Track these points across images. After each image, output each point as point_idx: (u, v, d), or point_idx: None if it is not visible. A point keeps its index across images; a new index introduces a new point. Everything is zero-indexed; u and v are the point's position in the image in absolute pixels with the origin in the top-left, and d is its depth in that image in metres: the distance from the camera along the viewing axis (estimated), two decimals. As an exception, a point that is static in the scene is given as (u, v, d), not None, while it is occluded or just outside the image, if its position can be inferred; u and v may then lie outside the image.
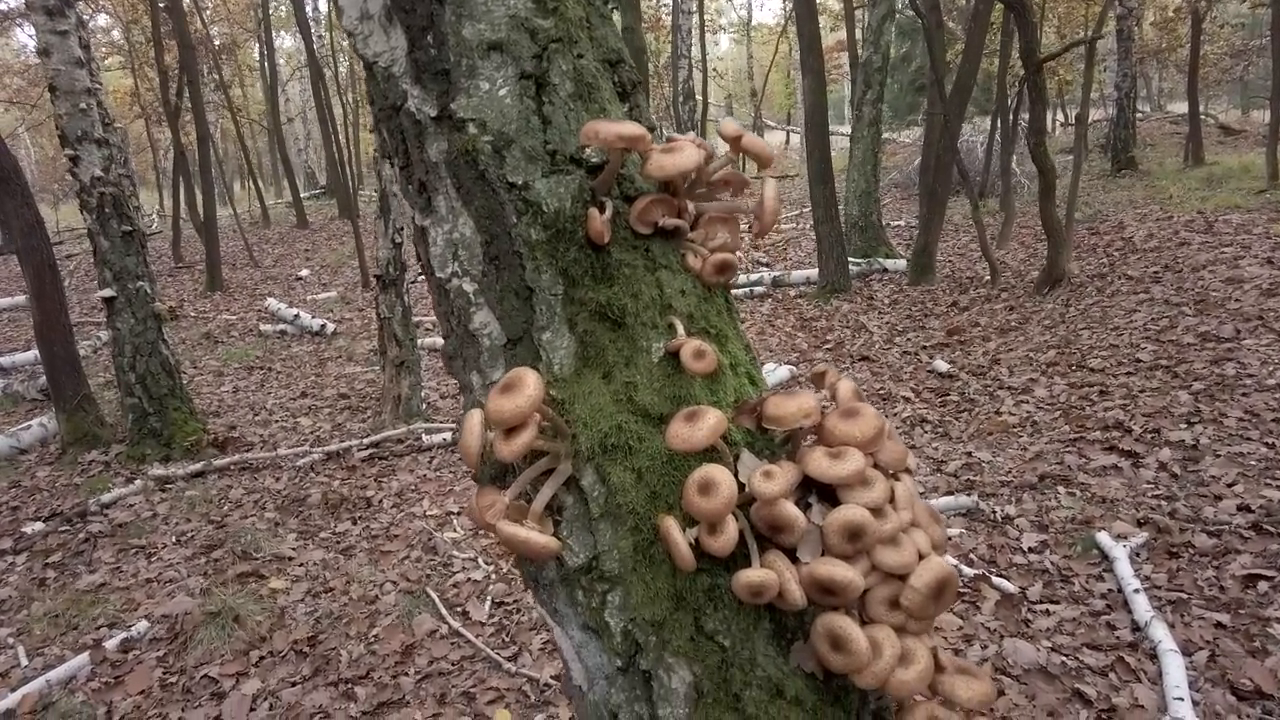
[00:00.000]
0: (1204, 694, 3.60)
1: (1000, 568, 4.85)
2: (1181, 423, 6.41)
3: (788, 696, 1.59)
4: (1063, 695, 3.73)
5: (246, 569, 6.04)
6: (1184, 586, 4.42)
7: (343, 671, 4.82)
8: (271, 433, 9.11)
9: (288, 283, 19.55)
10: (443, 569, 5.77)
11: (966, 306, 11.20)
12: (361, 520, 6.73)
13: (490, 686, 4.48)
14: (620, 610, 1.59)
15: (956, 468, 6.37)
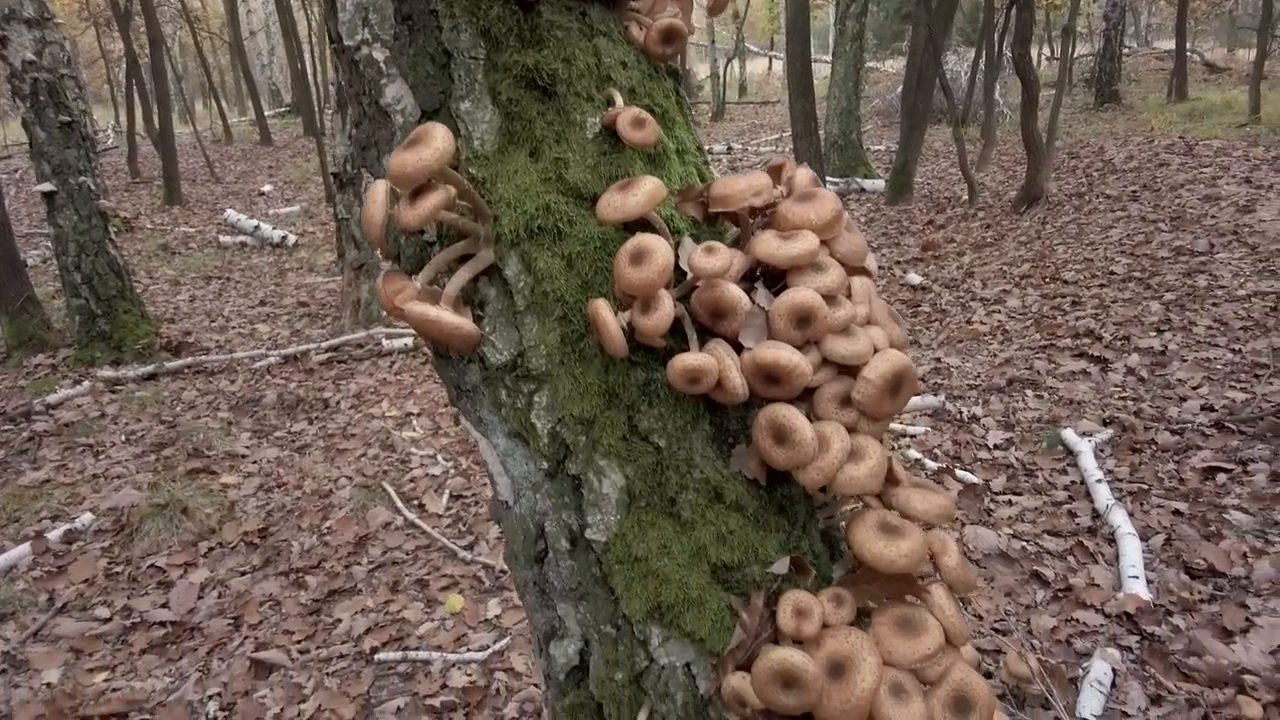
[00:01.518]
0: (1158, 573, 3.59)
1: (965, 462, 4.81)
2: (1151, 331, 6.36)
3: (727, 501, 1.46)
4: (1021, 577, 3.71)
5: (198, 465, 5.87)
6: (1145, 479, 4.40)
7: (294, 562, 4.71)
8: (228, 338, 8.84)
9: (250, 198, 18.90)
10: (400, 465, 5.64)
11: (943, 225, 11.06)
12: (318, 420, 6.56)
13: (445, 574, 4.40)
14: (547, 410, 1.44)
15: (925, 372, 6.31)
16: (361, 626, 4.06)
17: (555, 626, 1.60)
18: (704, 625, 1.42)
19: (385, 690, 3.64)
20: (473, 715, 3.40)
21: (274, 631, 4.16)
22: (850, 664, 1.29)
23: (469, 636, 3.88)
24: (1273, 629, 3.13)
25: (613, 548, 1.45)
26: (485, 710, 3.41)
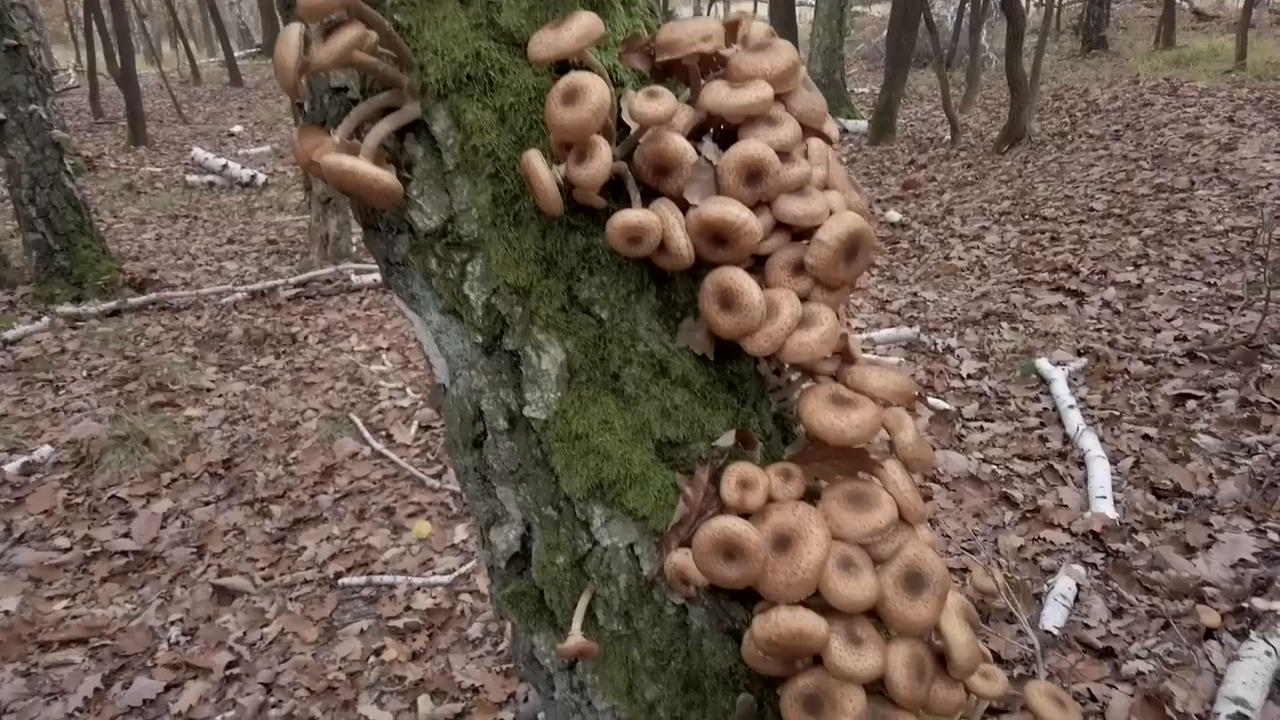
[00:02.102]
0: (1126, 494, 3.59)
1: (938, 391, 4.78)
2: (1128, 265, 6.33)
3: (673, 376, 1.38)
4: (990, 499, 3.71)
5: (161, 399, 5.74)
6: (1116, 406, 4.39)
7: (259, 492, 4.63)
8: (194, 275, 8.62)
9: (219, 139, 18.34)
10: (368, 398, 5.54)
11: (924, 164, 10.91)
12: (285, 355, 6.43)
13: (412, 502, 4.34)
14: (481, 281, 1.35)
15: (901, 306, 6.25)
16: (326, 553, 4.01)
17: (497, 514, 1.53)
18: (647, 503, 1.35)
19: (349, 614, 3.61)
20: (436, 637, 3.37)
21: (238, 559, 4.10)
22: (797, 537, 1.22)
23: (435, 561, 3.84)
24: (1234, 544, 3.14)
25: (552, 425, 1.37)
26: (449, 631, 3.38)
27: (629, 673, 1.42)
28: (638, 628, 1.40)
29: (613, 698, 1.46)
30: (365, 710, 3.03)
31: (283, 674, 3.30)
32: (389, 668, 3.22)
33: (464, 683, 3.07)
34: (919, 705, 1.23)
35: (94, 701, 3.29)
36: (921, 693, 1.22)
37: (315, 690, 3.18)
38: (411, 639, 3.36)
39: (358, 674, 3.24)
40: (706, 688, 1.39)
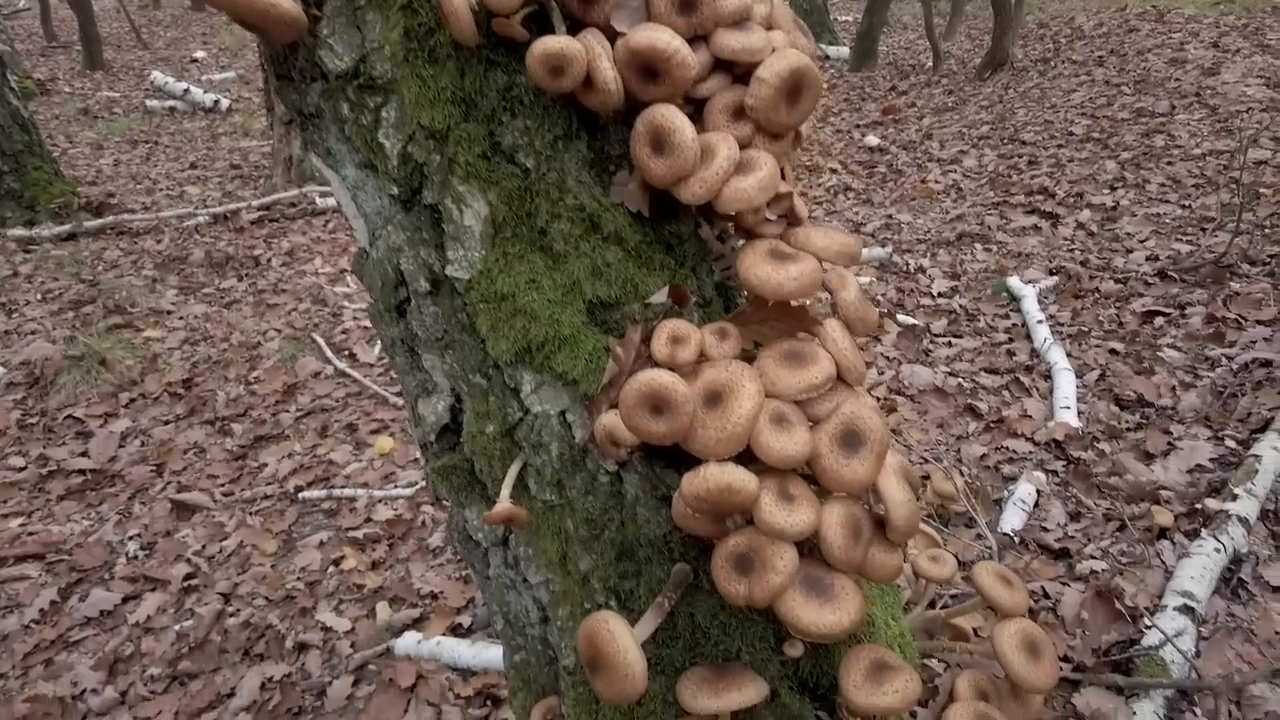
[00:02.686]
0: (1090, 405, 3.59)
1: (907, 309, 4.74)
2: (1105, 188, 6.26)
3: (604, 232, 1.31)
4: (955, 410, 3.70)
5: (119, 321, 5.59)
6: (1085, 322, 4.38)
7: (220, 410, 4.55)
8: (155, 200, 8.35)
9: (181, 65, 17.64)
10: (332, 318, 5.43)
11: (905, 91, 10.70)
12: (248, 277, 6.27)
13: (374, 419, 4.28)
14: (396, 127, 1.25)
15: (875, 228, 6.17)
16: (287, 469, 3.96)
17: (425, 386, 1.47)
18: (577, 366, 1.28)
19: (309, 526, 3.57)
20: (396, 546, 3.34)
21: (198, 476, 4.04)
22: (728, 392, 1.17)
23: (397, 475, 3.80)
24: (1192, 451, 3.15)
25: (476, 285, 1.29)
26: (410, 541, 3.35)
27: (562, 544, 1.38)
28: (570, 497, 1.35)
29: (546, 570, 1.42)
30: (323, 617, 3.02)
31: (241, 584, 3.27)
32: (348, 576, 3.20)
33: (423, 589, 3.06)
34: (855, 568, 1.19)
35: (50, 613, 3.26)
36: (857, 554, 1.19)
37: (273, 599, 3.16)
38: (371, 549, 3.33)
39: (316, 583, 3.22)
40: (641, 557, 1.35)
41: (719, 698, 1.23)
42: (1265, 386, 3.50)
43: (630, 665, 1.14)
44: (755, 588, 1.15)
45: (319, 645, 2.92)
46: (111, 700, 2.84)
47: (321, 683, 2.78)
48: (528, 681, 1.57)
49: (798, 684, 1.39)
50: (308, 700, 2.74)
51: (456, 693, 2.64)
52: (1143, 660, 2.25)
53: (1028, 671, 1.47)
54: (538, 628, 1.51)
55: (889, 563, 1.23)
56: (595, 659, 1.17)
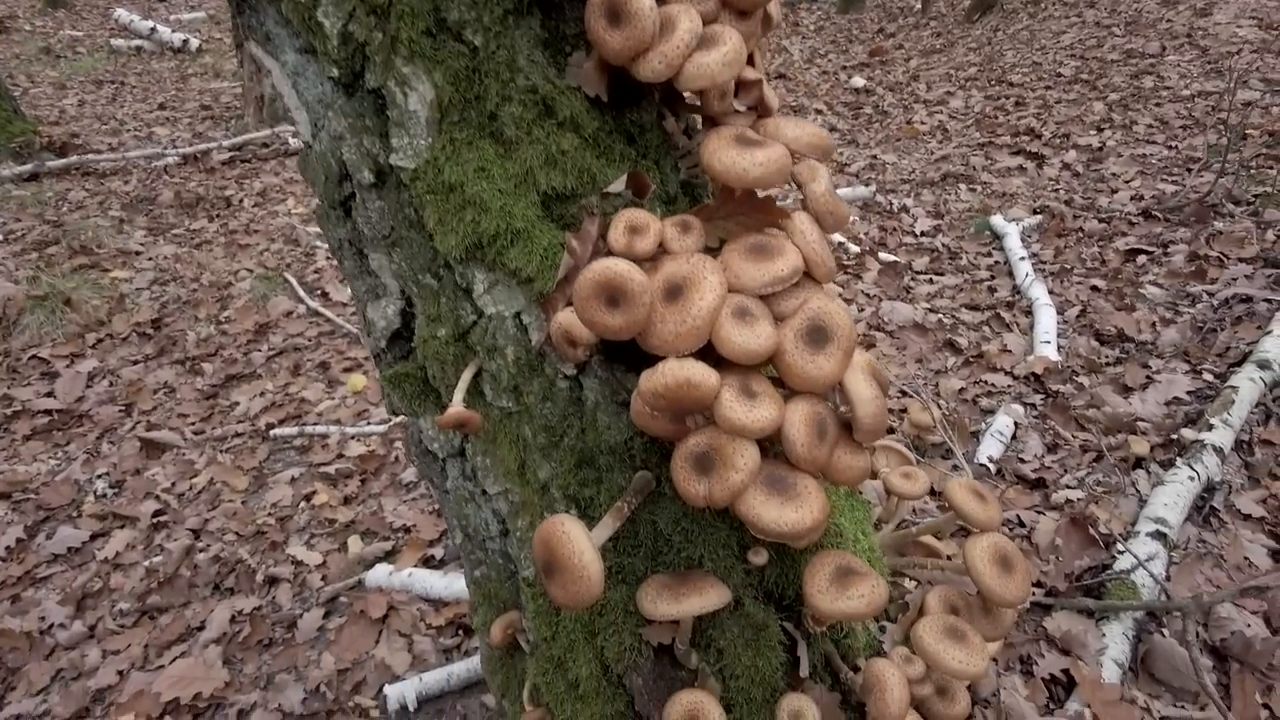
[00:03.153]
0: (1070, 340, 3.57)
1: (889, 247, 4.68)
2: (1091, 129, 6.18)
3: (560, 118, 1.23)
4: (934, 345, 3.66)
5: (85, 262, 5.45)
6: (1068, 260, 4.34)
7: (190, 350, 4.45)
8: (122, 140, 8.10)
9: (148, 4, 17.05)
10: (304, 258, 5.31)
11: (893, 33, 10.50)
12: (219, 218, 6.11)
13: (347, 357, 4.20)
14: (336, 4, 1.14)
15: (860, 169, 6.08)
16: (258, 407, 3.89)
17: (375, 289, 1.40)
18: (532, 262, 1.22)
19: (280, 463, 3.52)
20: (369, 482, 3.30)
21: (168, 415, 3.97)
22: (689, 284, 1.11)
23: (370, 412, 3.74)
24: (1170, 384, 3.14)
25: (423, 175, 1.21)
26: (382, 477, 3.31)
27: (520, 452, 1.33)
28: (528, 403, 1.29)
29: (504, 480, 1.37)
30: (294, 551, 2.98)
31: (211, 521, 3.22)
32: (319, 511, 3.16)
33: (395, 523, 3.03)
34: (819, 468, 1.15)
35: (17, 550, 3.20)
36: (821, 454, 1.14)
37: (244, 535, 3.12)
38: (343, 484, 3.29)
39: (288, 518, 3.17)
40: (601, 464, 1.30)
41: (679, 603, 1.20)
42: (1245, 321, 3.48)
43: (586, 567, 1.10)
44: (715, 487, 1.11)
45: (289, 579, 2.89)
46: (80, 634, 2.81)
47: (292, 615, 2.75)
48: (489, 597, 1.53)
49: (762, 594, 1.36)
50: (278, 632, 2.72)
51: (428, 623, 2.62)
52: (1114, 584, 2.25)
53: (999, 585, 1.45)
54: (498, 541, 1.47)
55: (855, 464, 1.18)
56: (550, 562, 1.12)
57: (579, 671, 1.36)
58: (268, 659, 2.64)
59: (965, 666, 1.39)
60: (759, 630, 1.31)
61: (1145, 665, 2.15)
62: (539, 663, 1.41)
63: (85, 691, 2.61)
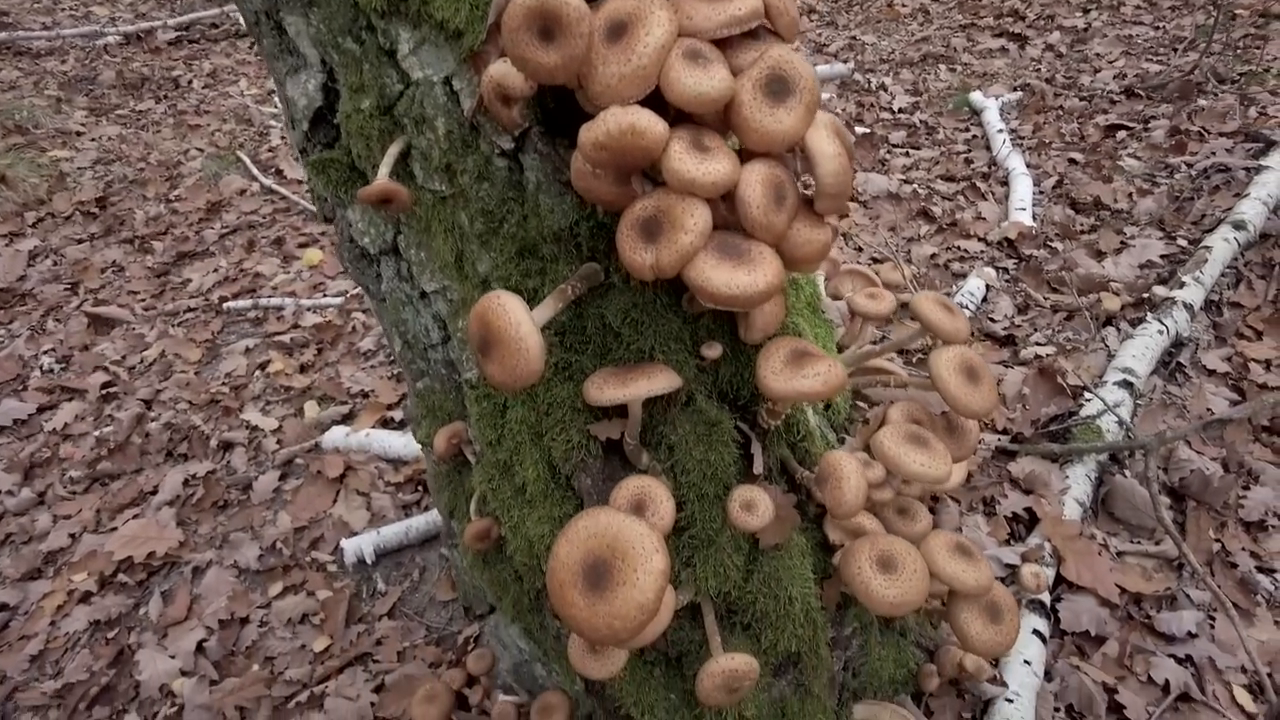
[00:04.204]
0: (1045, 209, 3.49)
1: (866, 123, 4.53)
2: (1077, 10, 5.96)
3: None
4: (909, 214, 3.58)
5: (21, 141, 5.15)
6: (1047, 135, 4.22)
7: (138, 229, 4.25)
8: (56, 20, 7.59)
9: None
10: (258, 138, 5.06)
11: (878, -83, 10.01)
12: (167, 99, 5.79)
13: (303, 233, 4.04)
14: None
15: (838, 49, 5.85)
16: (211, 282, 3.75)
17: (294, 62, 1.27)
18: (460, 12, 1.09)
19: (234, 335, 3.40)
20: (326, 351, 3.20)
21: (116, 293, 3.82)
22: (635, 21, 0.99)
23: (327, 285, 3.62)
24: (1144, 249, 3.09)
25: (337, -91, 1.08)
26: (340, 345, 3.21)
27: (456, 241, 1.23)
28: (463, 185, 1.19)
29: (441, 275, 1.28)
30: (249, 416, 2.90)
31: (164, 391, 3.12)
32: (275, 379, 3.07)
33: (353, 389, 2.95)
34: (775, 235, 1.06)
35: (-40, 424, 3.10)
36: (779, 220, 1.06)
37: (197, 403, 3.03)
38: (299, 353, 3.19)
39: (242, 387, 3.08)
40: (545, 254, 1.20)
41: (626, 386, 1.13)
42: (1222, 190, 3.42)
43: (524, 339, 1.01)
44: (663, 252, 1.02)
45: (244, 443, 2.82)
46: (29, 500, 2.74)
47: (247, 478, 2.69)
48: (432, 409, 1.46)
49: (716, 394, 1.30)
50: (233, 494, 2.66)
51: (387, 480, 2.57)
52: (1079, 429, 2.24)
53: (965, 394, 1.40)
54: (439, 350, 1.39)
55: (815, 238, 1.10)
56: (487, 337, 1.04)
57: (526, 475, 1.31)
58: (223, 519, 2.59)
59: (926, 469, 1.34)
60: (711, 426, 1.25)
61: (1105, 506, 2.15)
62: (485, 469, 1.36)
63: (36, 554, 2.55)
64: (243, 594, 2.34)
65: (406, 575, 2.34)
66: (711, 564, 1.27)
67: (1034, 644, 1.73)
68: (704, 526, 1.26)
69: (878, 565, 1.23)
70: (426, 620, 2.22)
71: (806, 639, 1.33)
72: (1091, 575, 1.91)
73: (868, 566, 1.23)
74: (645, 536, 1.07)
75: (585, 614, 1.05)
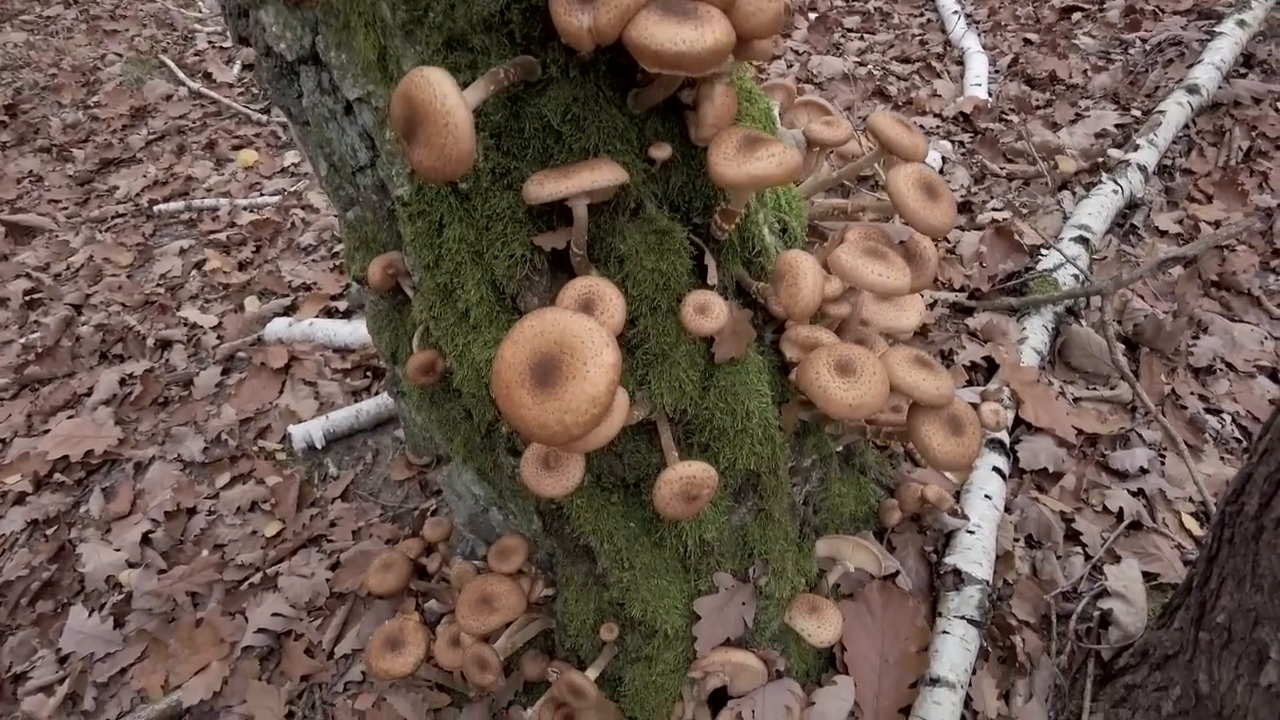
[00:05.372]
0: (1001, 85, 3.44)
1: (820, 10, 4.39)
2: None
3: None
4: (864, 94, 3.49)
5: (-80, 51, 4.78)
6: (1002, 19, 4.14)
7: (55, 137, 4.00)
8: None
9: None
10: (182, 42, 4.76)
11: None
12: (77, 4, 5.40)
13: (236, 136, 3.83)
14: None
15: (791, -58, 5.65)
16: (140, 187, 3.55)
17: None
18: None
19: (168, 237, 3.24)
20: (264, 248, 3.07)
21: (36, 202, 3.60)
22: None
23: (263, 185, 3.45)
24: (1098, 119, 3.06)
25: None
26: (279, 242, 3.08)
27: (379, 37, 1.13)
28: (381, -34, 1.08)
29: (365, 79, 1.18)
30: (187, 314, 2.77)
31: (94, 295, 2.97)
32: (212, 277, 2.94)
33: (294, 282, 2.83)
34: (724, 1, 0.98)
35: None
36: (725, -14, 0.97)
37: (131, 305, 2.89)
38: (237, 251, 3.05)
39: (179, 287, 2.94)
40: (475, 45, 1.11)
41: (569, 178, 1.06)
42: (1176, 63, 3.39)
43: (450, 113, 0.93)
44: (600, 11, 0.94)
45: (183, 341, 2.71)
46: (-48, 408, 2.60)
47: (188, 374, 2.58)
48: (365, 241, 1.38)
49: (667, 205, 1.23)
50: (174, 391, 2.55)
51: (334, 368, 2.48)
52: (1036, 282, 2.23)
53: (924, 210, 1.35)
54: (368, 174, 1.30)
55: (765, 5, 1.02)
56: (411, 117, 0.95)
57: (468, 298, 1.23)
58: (164, 416, 2.49)
59: (885, 279, 1.30)
60: (662, 235, 1.19)
61: (1062, 355, 2.16)
62: (424, 297, 1.28)
63: (-37, 461, 2.43)
64: (188, 486, 2.26)
65: (359, 459, 2.28)
66: (666, 380, 1.22)
67: (994, 480, 1.73)
68: (658, 341, 1.21)
69: (836, 370, 1.19)
70: (381, 501, 2.17)
71: (765, 457, 1.30)
72: (1049, 417, 1.92)
73: (825, 371, 1.19)
74: (594, 331, 1.01)
75: (534, 412, 0.99)
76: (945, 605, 1.54)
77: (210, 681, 1.82)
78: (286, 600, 1.94)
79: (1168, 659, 1.32)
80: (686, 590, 1.37)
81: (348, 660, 1.84)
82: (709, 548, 1.34)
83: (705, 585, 1.38)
